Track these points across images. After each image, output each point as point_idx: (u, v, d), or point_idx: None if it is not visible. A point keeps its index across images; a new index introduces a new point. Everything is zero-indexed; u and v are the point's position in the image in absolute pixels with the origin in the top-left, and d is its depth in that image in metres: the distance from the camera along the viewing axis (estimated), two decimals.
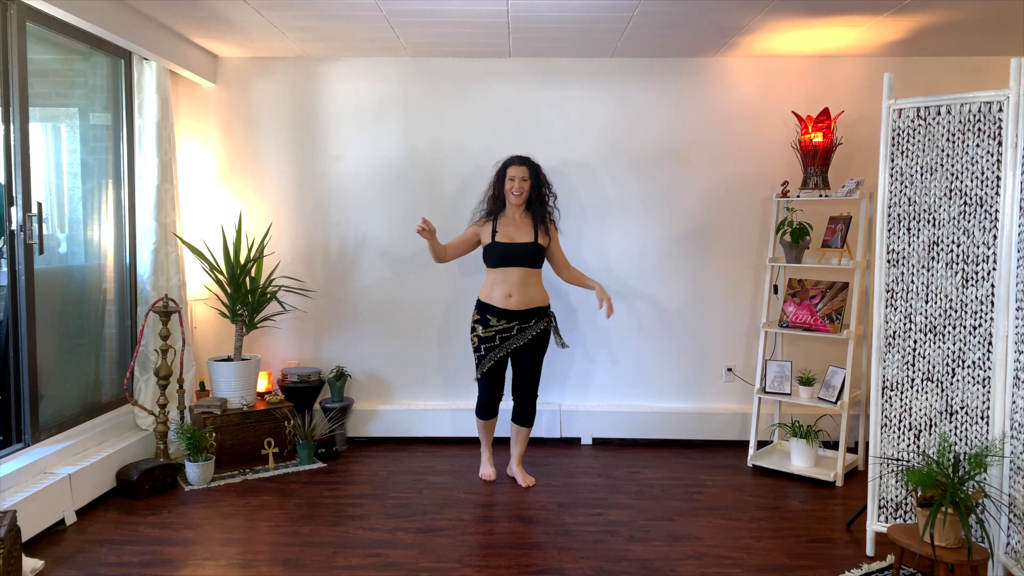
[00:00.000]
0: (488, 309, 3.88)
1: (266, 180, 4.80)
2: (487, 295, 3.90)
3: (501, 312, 3.85)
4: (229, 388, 4.37)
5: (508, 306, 3.84)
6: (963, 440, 3.01)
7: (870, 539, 3.23)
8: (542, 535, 3.43)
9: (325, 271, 4.84)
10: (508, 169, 3.92)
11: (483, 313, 3.89)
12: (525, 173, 3.90)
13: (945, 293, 3.04)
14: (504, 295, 3.85)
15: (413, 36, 4.26)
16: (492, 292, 3.88)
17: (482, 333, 3.89)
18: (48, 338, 3.68)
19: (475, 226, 3.99)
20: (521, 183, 3.88)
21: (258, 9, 3.78)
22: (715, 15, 3.83)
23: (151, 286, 4.25)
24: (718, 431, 4.76)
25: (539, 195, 3.93)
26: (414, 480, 4.12)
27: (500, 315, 3.85)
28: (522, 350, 3.90)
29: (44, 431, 3.61)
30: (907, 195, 3.12)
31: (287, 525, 3.51)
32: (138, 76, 4.19)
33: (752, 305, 4.80)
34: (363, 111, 4.77)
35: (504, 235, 3.88)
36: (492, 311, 3.86)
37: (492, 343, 3.87)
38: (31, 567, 2.97)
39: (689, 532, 3.46)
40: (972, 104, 2.96)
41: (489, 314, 3.87)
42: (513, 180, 3.88)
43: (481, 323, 3.89)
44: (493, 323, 3.86)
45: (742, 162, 4.73)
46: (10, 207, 3.39)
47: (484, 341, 3.89)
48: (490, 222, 3.95)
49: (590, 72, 4.72)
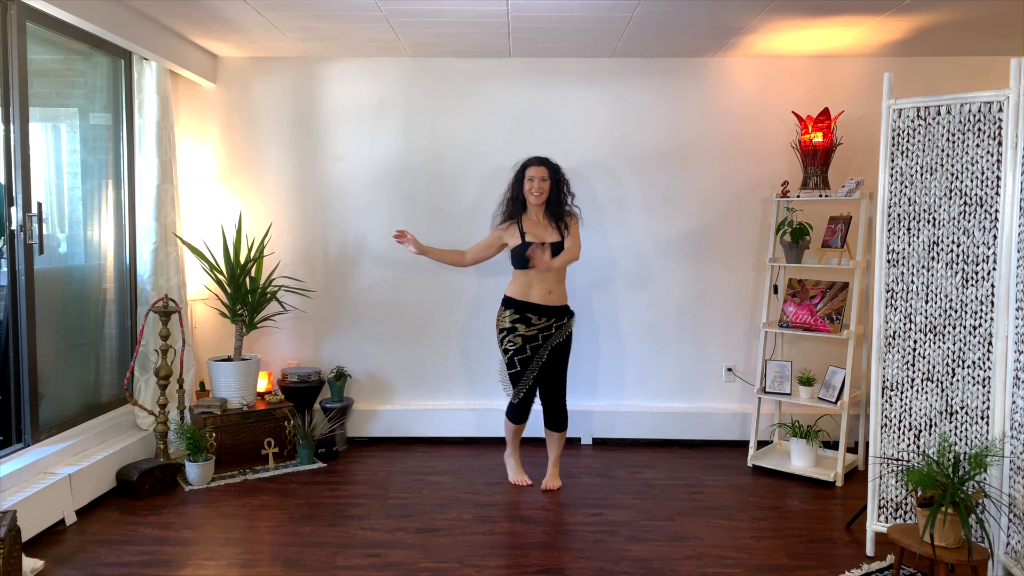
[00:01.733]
0: (528, 308, 3.82)
1: (266, 180, 4.80)
2: (523, 294, 3.83)
3: (543, 309, 3.82)
4: (229, 388, 4.37)
5: (550, 302, 3.83)
6: (963, 440, 3.01)
7: (870, 539, 3.23)
8: (542, 535, 3.43)
9: (325, 271, 4.84)
10: (527, 170, 3.89)
11: (523, 312, 3.83)
12: (544, 173, 3.87)
13: (945, 293, 3.04)
14: (545, 292, 3.82)
15: (413, 36, 4.26)
16: (530, 291, 3.82)
17: (525, 332, 3.82)
18: (48, 338, 3.68)
19: (498, 230, 3.97)
20: (541, 183, 3.85)
21: (258, 9, 3.78)
22: (715, 15, 3.83)
23: (151, 286, 4.25)
24: (718, 431, 4.76)
25: (558, 195, 3.91)
26: (414, 480, 4.12)
27: (542, 312, 3.82)
28: (558, 348, 3.88)
29: (44, 431, 3.61)
30: (907, 195, 3.12)
31: (287, 525, 3.51)
32: (138, 76, 4.18)
33: (752, 305, 4.79)
34: (363, 111, 4.77)
35: (533, 235, 3.85)
36: (534, 309, 3.82)
37: (535, 341, 3.82)
38: (31, 567, 2.97)
39: (689, 532, 3.46)
40: (972, 104, 2.96)
41: (531, 312, 3.82)
42: (532, 180, 3.85)
43: (523, 322, 3.82)
44: (535, 321, 3.82)
45: (742, 162, 4.73)
46: (10, 207, 3.39)
47: (529, 340, 3.82)
48: (514, 224, 3.91)
49: (590, 72, 4.72)
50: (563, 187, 3.94)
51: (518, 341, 3.84)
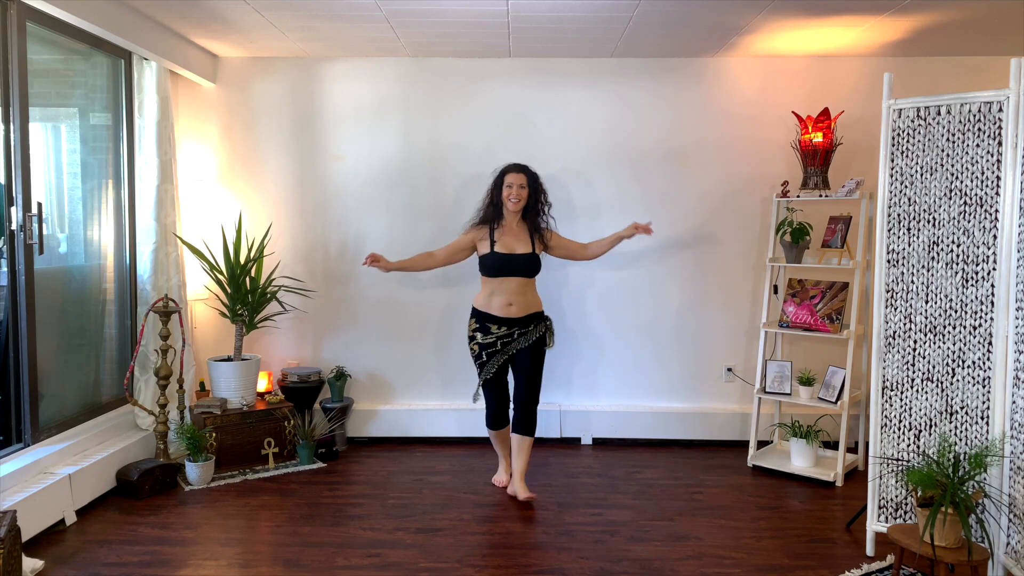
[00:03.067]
0: (487, 318, 3.81)
1: (266, 180, 4.80)
2: (485, 304, 3.82)
3: (501, 320, 3.80)
4: (229, 388, 4.37)
5: (509, 314, 3.79)
6: (963, 440, 3.01)
7: (870, 539, 3.23)
8: (542, 535, 3.43)
9: (325, 271, 4.84)
10: (506, 176, 3.84)
11: (482, 322, 3.83)
12: (523, 180, 3.83)
13: (945, 293, 3.03)
14: (504, 304, 3.78)
15: (413, 36, 4.26)
16: (491, 301, 3.80)
17: (482, 340, 3.82)
18: (48, 338, 3.68)
19: (472, 232, 3.90)
20: (519, 190, 3.81)
21: (258, 9, 3.78)
22: (715, 15, 3.83)
23: (151, 286, 4.25)
24: (718, 431, 4.76)
25: (535, 203, 3.87)
26: (414, 480, 4.12)
27: (500, 323, 3.80)
28: (523, 353, 3.82)
29: (44, 431, 3.61)
30: (907, 195, 3.12)
31: (287, 525, 3.51)
32: (138, 76, 4.18)
33: (752, 305, 4.79)
34: (363, 111, 4.77)
35: (503, 245, 3.80)
36: (492, 319, 3.80)
37: (493, 348, 3.81)
38: (31, 567, 2.97)
39: (689, 532, 3.46)
40: (972, 104, 2.96)
41: (489, 322, 3.81)
42: (511, 187, 3.81)
43: (481, 331, 3.83)
44: (494, 330, 3.80)
45: (742, 162, 4.73)
46: (10, 207, 3.39)
47: (485, 347, 3.82)
48: (486, 230, 3.85)
49: (590, 72, 4.72)
50: (540, 196, 3.89)
51: (475, 349, 3.85)
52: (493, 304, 3.80)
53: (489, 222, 3.87)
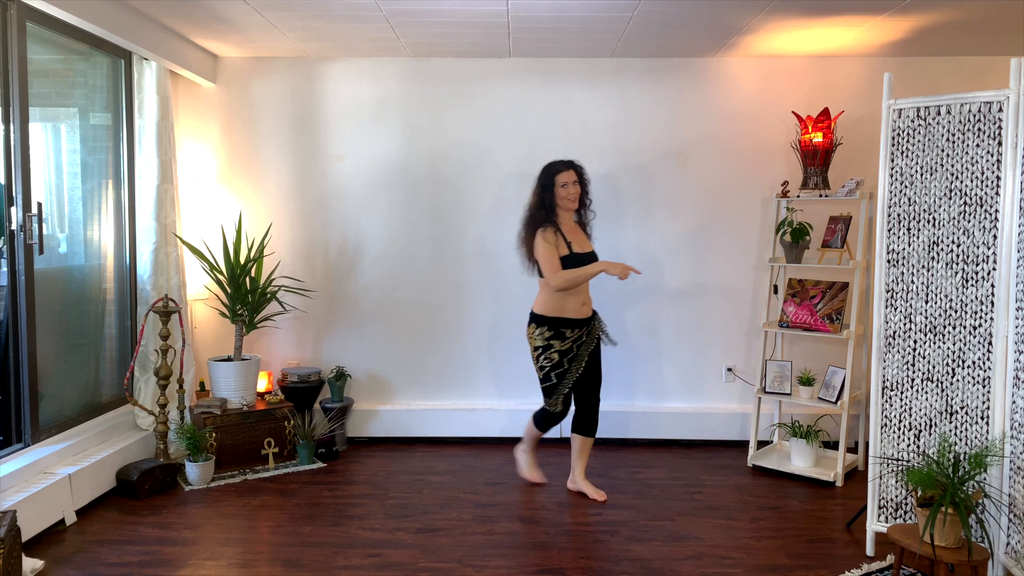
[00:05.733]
0: (562, 323, 3.70)
1: (266, 180, 4.80)
2: (558, 308, 3.69)
3: (576, 323, 3.73)
4: (229, 388, 4.37)
5: (583, 315, 3.74)
6: (963, 440, 3.01)
7: (870, 539, 3.23)
8: (542, 535, 3.43)
9: (325, 271, 4.84)
10: (558, 176, 3.72)
11: (556, 328, 3.70)
12: (575, 177, 3.75)
13: (945, 293, 3.04)
14: (579, 304, 3.72)
15: (413, 36, 4.26)
16: (565, 304, 3.68)
17: (561, 347, 3.71)
18: (48, 338, 3.68)
19: (550, 236, 3.68)
20: (574, 187, 3.73)
21: (258, 9, 3.78)
22: (715, 15, 3.83)
23: (151, 286, 4.25)
24: (718, 431, 4.76)
25: (583, 198, 3.82)
26: (414, 480, 4.12)
27: (574, 325, 3.73)
28: (592, 353, 3.80)
29: (44, 431, 3.61)
30: (907, 195, 3.12)
31: (287, 525, 3.51)
32: (138, 76, 4.19)
33: (752, 305, 4.79)
34: (363, 111, 4.77)
35: (577, 245, 3.73)
36: (567, 324, 3.70)
37: (571, 353, 3.73)
38: (31, 567, 2.97)
39: (689, 532, 3.46)
40: (972, 104, 2.96)
41: (564, 327, 3.71)
42: (566, 186, 3.70)
43: (557, 338, 3.70)
44: (568, 334, 3.72)
45: (742, 162, 4.73)
46: (10, 207, 3.39)
47: (565, 354, 3.72)
48: (553, 230, 3.69)
49: (590, 72, 4.72)
50: (587, 189, 3.85)
51: (554, 357, 3.72)
52: (568, 307, 3.71)
53: (553, 224, 3.72)
